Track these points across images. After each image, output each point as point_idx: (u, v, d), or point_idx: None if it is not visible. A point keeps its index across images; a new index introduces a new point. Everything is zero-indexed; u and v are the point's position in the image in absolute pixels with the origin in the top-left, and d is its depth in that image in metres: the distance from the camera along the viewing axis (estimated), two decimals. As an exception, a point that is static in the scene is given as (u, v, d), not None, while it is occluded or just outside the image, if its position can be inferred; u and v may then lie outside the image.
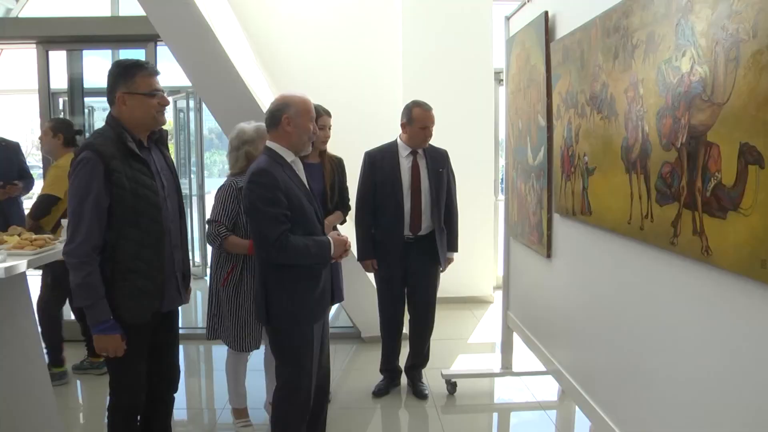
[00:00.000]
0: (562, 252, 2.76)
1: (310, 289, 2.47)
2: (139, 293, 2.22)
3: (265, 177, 2.34)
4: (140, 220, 2.21)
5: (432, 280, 3.64)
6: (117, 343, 2.18)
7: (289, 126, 2.41)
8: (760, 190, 1.34)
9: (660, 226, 1.79)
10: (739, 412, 1.47)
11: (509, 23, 3.54)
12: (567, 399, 3.54)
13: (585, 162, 2.38)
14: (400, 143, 3.55)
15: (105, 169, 2.13)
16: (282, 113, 2.41)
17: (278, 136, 2.44)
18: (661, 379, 1.85)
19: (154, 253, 2.25)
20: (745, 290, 1.43)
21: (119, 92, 2.22)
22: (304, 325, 2.46)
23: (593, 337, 2.39)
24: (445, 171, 3.57)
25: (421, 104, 3.51)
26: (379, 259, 3.58)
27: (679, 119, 1.67)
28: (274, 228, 2.31)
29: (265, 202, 2.32)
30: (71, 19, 5.05)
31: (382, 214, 3.53)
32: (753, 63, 1.35)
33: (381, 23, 5.71)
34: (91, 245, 2.13)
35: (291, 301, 2.43)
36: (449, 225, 3.64)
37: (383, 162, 3.52)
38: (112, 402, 2.33)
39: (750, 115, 1.36)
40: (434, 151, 3.60)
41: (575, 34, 2.44)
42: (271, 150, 2.44)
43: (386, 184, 3.50)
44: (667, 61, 1.73)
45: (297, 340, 2.46)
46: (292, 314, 2.43)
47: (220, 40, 3.91)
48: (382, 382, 3.74)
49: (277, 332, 2.48)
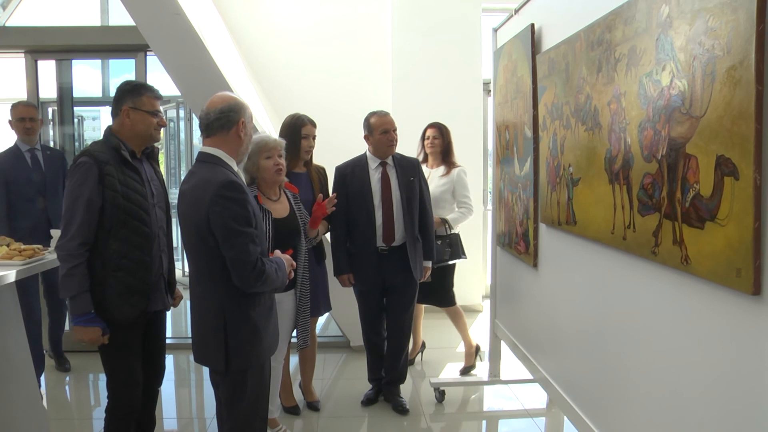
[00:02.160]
0: (549, 261, 2.80)
1: (271, 317, 2.29)
2: (127, 291, 2.37)
3: (238, 191, 2.06)
4: (129, 221, 2.36)
5: (409, 296, 3.59)
6: (95, 335, 2.33)
7: (242, 132, 2.17)
8: (735, 201, 1.38)
9: (642, 235, 1.83)
10: (721, 418, 1.50)
11: (497, 35, 3.59)
12: (555, 407, 3.56)
13: (570, 173, 2.41)
14: (368, 155, 3.55)
15: (99, 172, 2.31)
16: (239, 116, 2.15)
17: (226, 142, 2.15)
18: (644, 386, 1.88)
19: (141, 253, 2.40)
20: (723, 298, 1.46)
21: (125, 106, 2.41)
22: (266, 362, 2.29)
23: (578, 345, 2.43)
24: (416, 180, 3.55)
25: (376, 112, 3.55)
26: (355, 273, 3.55)
27: (660, 131, 1.71)
28: (253, 251, 2.06)
29: (242, 222, 2.05)
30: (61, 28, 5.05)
31: (355, 227, 3.51)
32: (728, 78, 1.39)
33: (370, 33, 5.75)
34: (80, 241, 2.29)
35: (253, 335, 2.17)
36: (424, 234, 3.60)
37: (353, 175, 3.52)
38: (110, 404, 2.47)
39: (725, 128, 1.40)
40: (404, 160, 3.60)
41: (560, 46, 2.49)
42: (218, 158, 2.13)
43: (357, 196, 3.48)
44: (648, 74, 1.77)
45: (258, 378, 2.25)
46: (256, 351, 2.19)
47: (210, 49, 3.93)
48: (371, 391, 3.74)
49: (240, 374, 2.20)
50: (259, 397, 2.27)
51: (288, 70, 5.58)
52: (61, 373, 4.22)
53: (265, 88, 5.55)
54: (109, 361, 2.45)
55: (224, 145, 2.15)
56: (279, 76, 5.57)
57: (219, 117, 2.13)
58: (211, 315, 2.14)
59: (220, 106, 2.14)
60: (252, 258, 2.04)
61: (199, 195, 2.07)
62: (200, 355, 2.24)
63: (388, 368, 3.68)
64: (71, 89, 5.22)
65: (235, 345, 2.13)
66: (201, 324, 2.20)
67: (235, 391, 2.21)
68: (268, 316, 2.25)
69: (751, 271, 1.34)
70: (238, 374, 2.19)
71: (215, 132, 2.14)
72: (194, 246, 2.14)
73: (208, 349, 2.17)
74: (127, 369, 2.45)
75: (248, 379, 2.20)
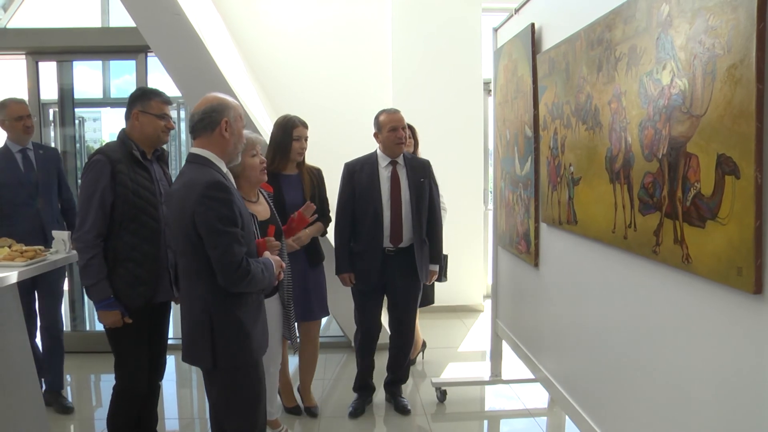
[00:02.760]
0: (550, 261, 2.80)
1: (260, 317, 2.28)
2: (135, 281, 2.56)
3: (223, 191, 2.08)
4: (139, 216, 2.56)
5: (413, 296, 3.54)
6: (116, 318, 2.55)
7: (227, 132, 2.17)
8: (736, 200, 1.38)
9: (643, 235, 1.83)
10: (722, 416, 1.50)
11: (497, 35, 3.59)
12: (556, 406, 3.56)
13: (571, 172, 2.42)
14: (379, 153, 3.49)
15: (111, 170, 2.52)
16: (222, 116, 2.15)
17: (211, 142, 2.17)
18: (645, 385, 1.88)
19: (150, 246, 2.59)
20: (724, 297, 1.46)
21: (135, 110, 2.63)
22: (259, 362, 2.28)
23: (580, 345, 2.43)
24: (426, 181, 3.49)
25: (387, 109, 3.49)
26: (357, 272, 3.47)
27: (660, 131, 1.71)
28: (238, 251, 2.07)
29: (226, 222, 2.06)
30: (61, 30, 5.04)
31: (361, 226, 3.44)
32: (728, 77, 1.39)
33: (371, 33, 5.75)
34: (95, 233, 2.51)
35: (241, 335, 2.17)
36: (432, 237, 3.54)
37: (362, 172, 3.45)
38: (118, 386, 2.67)
39: (726, 127, 1.40)
40: (415, 161, 3.55)
41: (560, 46, 2.49)
42: (205, 159, 2.16)
43: (365, 194, 3.42)
44: (649, 73, 1.77)
45: (253, 378, 2.24)
46: (245, 351, 2.19)
47: (210, 50, 3.93)
48: (357, 401, 3.61)
49: (231, 373, 2.20)
50: (257, 397, 2.27)
51: (288, 70, 5.57)
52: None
53: (266, 89, 5.55)
54: (118, 346, 2.64)
55: (211, 146, 2.17)
56: (279, 76, 5.57)
57: (202, 118, 2.15)
58: (197, 314, 2.16)
59: (204, 107, 2.17)
60: (236, 258, 2.06)
61: (185, 195, 2.09)
62: (188, 353, 2.24)
63: (391, 367, 3.66)
64: (72, 90, 5.21)
65: (223, 344, 2.14)
66: (188, 323, 2.22)
67: (227, 391, 2.22)
68: (257, 315, 2.26)
69: (752, 269, 1.34)
70: (228, 373, 2.20)
71: (200, 133, 2.17)
72: (181, 245, 2.17)
73: (195, 347, 2.19)
74: (135, 353, 2.64)
75: (241, 379, 2.21)
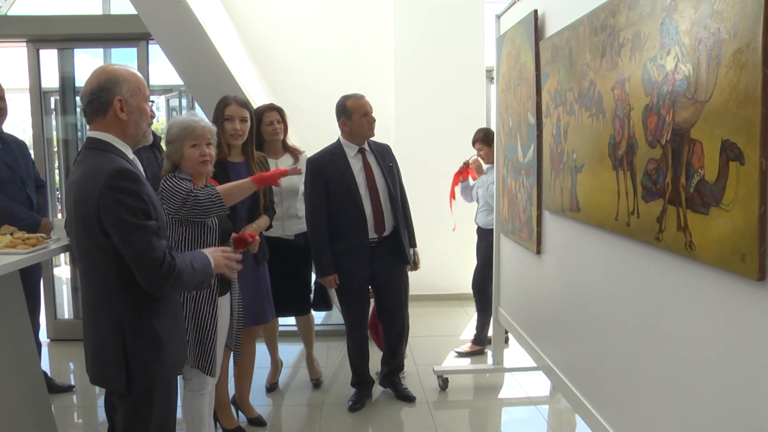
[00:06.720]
0: (552, 248, 2.79)
1: (176, 327, 2.01)
2: None
3: (131, 180, 1.77)
4: None
5: (402, 281, 3.49)
6: None
7: (123, 112, 1.82)
8: (740, 186, 1.37)
9: (646, 222, 1.82)
10: (724, 404, 1.50)
11: (500, 21, 3.56)
12: (558, 394, 3.57)
13: (573, 159, 2.40)
14: (344, 142, 3.36)
15: None
16: (112, 94, 1.80)
17: (108, 125, 1.83)
18: (648, 373, 1.88)
19: None
20: (728, 284, 1.46)
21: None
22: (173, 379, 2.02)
23: (582, 333, 2.42)
24: (394, 165, 3.44)
25: (352, 95, 3.35)
26: (344, 272, 3.36)
27: (664, 117, 1.69)
28: (157, 246, 1.78)
29: (138, 215, 1.76)
30: (62, 17, 5.02)
31: (341, 222, 3.31)
32: (734, 61, 1.38)
33: (373, 21, 5.72)
34: None
35: (156, 349, 1.88)
36: (407, 220, 3.50)
37: (331, 166, 3.29)
38: None
39: (731, 113, 1.39)
40: (379, 146, 3.47)
41: (564, 32, 2.47)
42: (107, 144, 1.83)
43: (340, 188, 3.27)
44: (653, 59, 1.76)
45: (164, 399, 1.95)
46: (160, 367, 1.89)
47: (212, 38, 3.91)
48: (356, 395, 3.54)
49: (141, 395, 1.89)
50: (165, 422, 1.97)
51: (290, 57, 5.55)
52: (64, 361, 4.25)
53: (268, 76, 5.53)
54: None
55: (109, 129, 1.84)
56: (281, 62, 5.56)
57: (91, 100, 1.82)
58: (106, 327, 1.84)
59: (90, 86, 1.82)
60: (157, 254, 1.77)
61: (87, 186, 1.77)
62: (97, 375, 1.91)
63: (388, 357, 3.61)
64: (73, 78, 5.19)
65: (137, 361, 1.83)
66: (95, 338, 1.88)
67: (136, 415, 1.89)
68: (173, 325, 1.98)
69: (756, 256, 1.33)
70: (142, 395, 1.88)
71: (92, 117, 1.84)
72: (84, 245, 1.85)
73: (106, 367, 1.86)
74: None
75: (153, 401, 1.90)
